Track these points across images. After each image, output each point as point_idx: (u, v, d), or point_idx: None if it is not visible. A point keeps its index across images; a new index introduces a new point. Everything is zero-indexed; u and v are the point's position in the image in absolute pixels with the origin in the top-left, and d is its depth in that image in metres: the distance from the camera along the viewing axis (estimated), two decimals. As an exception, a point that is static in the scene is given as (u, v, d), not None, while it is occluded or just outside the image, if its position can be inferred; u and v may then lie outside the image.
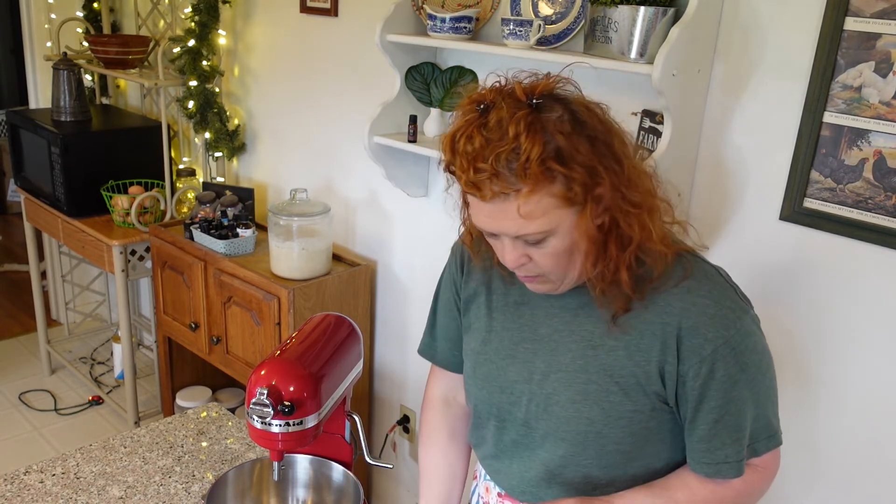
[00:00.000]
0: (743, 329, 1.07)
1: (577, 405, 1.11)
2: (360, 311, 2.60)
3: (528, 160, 0.93)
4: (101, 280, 3.98)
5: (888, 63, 1.45)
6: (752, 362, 1.08)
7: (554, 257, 1.03)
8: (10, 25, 5.89)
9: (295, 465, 1.41)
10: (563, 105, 0.98)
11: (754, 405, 1.10)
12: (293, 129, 2.82)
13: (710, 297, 1.07)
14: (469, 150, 0.96)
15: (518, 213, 0.97)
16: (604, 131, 0.99)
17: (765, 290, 1.71)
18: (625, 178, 1.00)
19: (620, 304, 1.07)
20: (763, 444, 1.13)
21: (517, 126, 0.93)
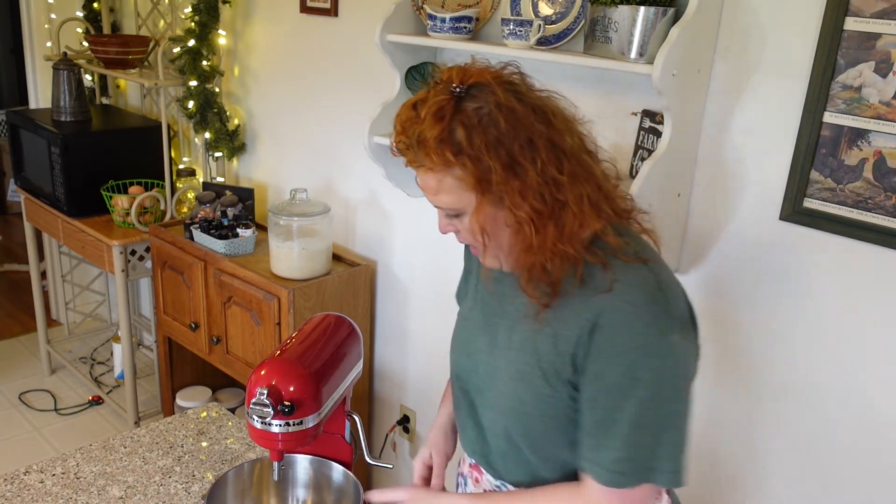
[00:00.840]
0: (652, 347, 1.05)
1: (514, 382, 1.16)
2: (360, 311, 2.60)
3: (425, 141, 1.04)
4: (101, 280, 3.98)
5: (888, 63, 1.45)
6: (650, 383, 1.06)
7: (471, 233, 1.11)
8: (10, 25, 5.89)
9: (295, 465, 1.41)
10: (485, 99, 1.04)
11: (640, 428, 1.07)
12: (293, 129, 2.82)
13: (633, 304, 1.06)
14: (401, 119, 1.08)
15: (427, 184, 1.08)
16: (512, 133, 1.03)
17: (765, 290, 1.71)
18: (524, 182, 1.04)
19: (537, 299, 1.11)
20: (633, 478, 1.08)
21: (429, 109, 1.04)
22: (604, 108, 1.90)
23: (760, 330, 1.74)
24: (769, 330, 1.73)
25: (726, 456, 1.85)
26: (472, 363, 1.25)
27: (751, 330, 1.75)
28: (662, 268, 1.13)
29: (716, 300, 1.80)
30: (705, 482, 1.91)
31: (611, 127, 1.89)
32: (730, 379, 1.82)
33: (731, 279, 1.76)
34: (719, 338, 1.82)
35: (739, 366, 1.79)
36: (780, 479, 1.77)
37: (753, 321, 1.75)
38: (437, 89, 1.07)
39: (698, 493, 1.93)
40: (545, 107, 1.08)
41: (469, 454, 1.33)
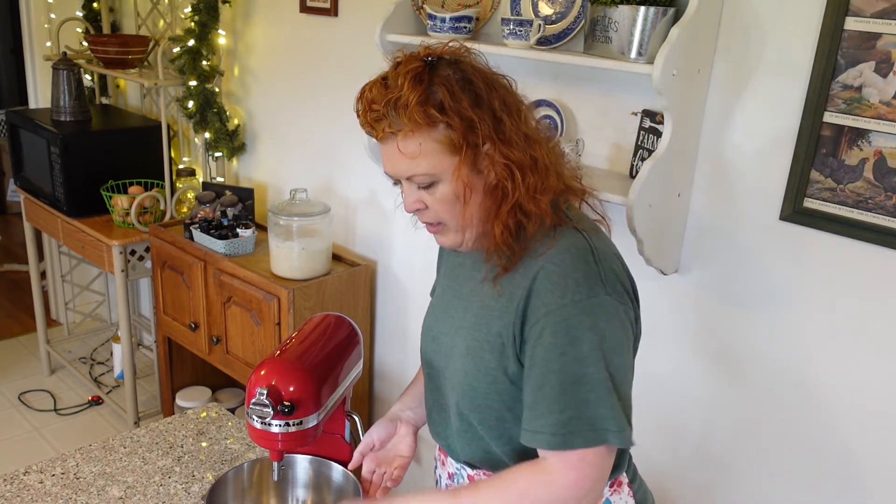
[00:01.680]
0: (583, 304, 1.06)
1: (464, 359, 1.19)
2: (360, 311, 2.60)
3: (406, 104, 1.06)
4: (101, 280, 3.98)
5: (888, 63, 1.45)
6: (586, 340, 1.05)
7: (444, 204, 1.13)
8: (10, 25, 5.89)
9: (295, 465, 1.41)
10: (457, 66, 1.10)
11: (578, 385, 1.06)
12: (293, 129, 2.82)
13: (562, 265, 1.08)
14: (369, 97, 1.10)
15: (403, 152, 1.09)
16: (488, 92, 1.10)
17: (764, 290, 1.71)
18: (504, 135, 1.09)
19: (500, 263, 1.13)
20: (580, 437, 1.06)
21: (405, 77, 1.07)
22: (604, 108, 1.90)
23: (760, 329, 1.74)
24: (769, 329, 1.72)
25: (726, 456, 1.85)
26: (435, 345, 1.28)
27: (750, 329, 1.75)
28: (602, 239, 1.15)
29: (716, 300, 1.80)
30: (705, 482, 1.91)
31: (611, 127, 1.89)
32: (729, 378, 1.82)
33: (731, 279, 1.76)
34: (719, 337, 1.82)
35: (739, 365, 1.79)
36: (780, 479, 1.77)
37: (753, 321, 1.74)
38: (405, 62, 1.10)
39: (698, 492, 1.93)
40: (503, 79, 1.16)
41: (434, 438, 1.34)
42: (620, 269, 1.14)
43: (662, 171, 1.65)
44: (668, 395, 1.92)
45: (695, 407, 1.89)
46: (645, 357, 1.92)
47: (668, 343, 1.91)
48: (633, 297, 1.15)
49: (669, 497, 1.97)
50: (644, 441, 1.95)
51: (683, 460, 1.94)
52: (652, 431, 1.96)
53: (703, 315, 1.83)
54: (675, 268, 1.84)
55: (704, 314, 1.83)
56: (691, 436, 1.91)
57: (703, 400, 1.87)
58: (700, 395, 1.88)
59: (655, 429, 1.96)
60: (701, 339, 1.85)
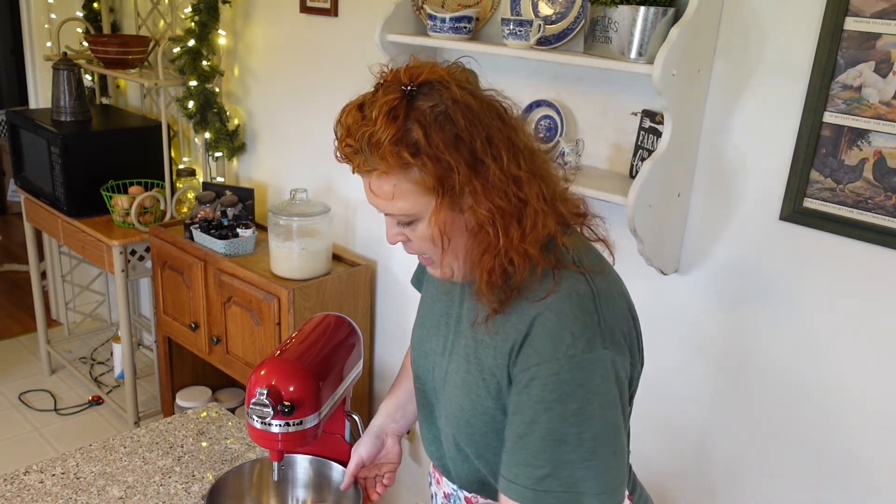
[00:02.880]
0: (577, 359, 1.00)
1: (458, 390, 1.14)
2: (360, 311, 2.60)
3: (379, 143, 0.98)
4: (101, 280, 3.98)
5: (888, 63, 1.45)
6: (575, 398, 0.99)
7: (425, 241, 1.06)
8: (10, 25, 5.89)
9: (295, 465, 1.41)
10: (440, 97, 1.00)
11: (560, 444, 1.00)
12: (293, 129, 2.82)
13: (560, 314, 1.01)
14: (345, 123, 1.03)
15: (378, 191, 1.02)
16: (470, 130, 0.99)
17: (765, 290, 1.71)
18: (486, 180, 1.00)
19: (491, 306, 1.06)
20: (553, 497, 1.00)
21: (380, 109, 0.98)
22: (604, 108, 1.90)
23: (760, 329, 1.74)
24: (769, 329, 1.72)
25: (726, 456, 1.85)
26: (427, 364, 1.23)
27: (750, 329, 1.75)
28: (606, 278, 1.08)
29: (716, 300, 1.80)
30: (705, 482, 1.91)
31: (611, 127, 1.89)
32: (729, 378, 1.82)
33: (731, 279, 1.76)
34: (719, 337, 1.82)
35: (739, 365, 1.79)
36: (780, 479, 1.77)
37: (753, 321, 1.74)
38: (384, 89, 1.01)
39: (698, 492, 1.93)
40: (497, 104, 1.05)
41: (428, 456, 1.31)
42: (623, 314, 1.07)
43: (662, 171, 1.65)
44: (668, 395, 1.92)
45: (695, 407, 1.89)
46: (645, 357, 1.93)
47: (668, 343, 1.90)
48: (632, 347, 1.08)
49: (670, 497, 1.97)
50: (644, 442, 1.96)
51: (684, 461, 1.94)
52: (652, 432, 1.96)
53: (702, 315, 1.83)
54: (675, 268, 1.84)
55: (704, 314, 1.83)
56: (692, 436, 1.91)
57: (704, 400, 1.87)
58: (700, 395, 1.88)
59: (656, 429, 1.96)
60: (701, 339, 1.85)
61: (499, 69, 2.08)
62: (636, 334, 1.10)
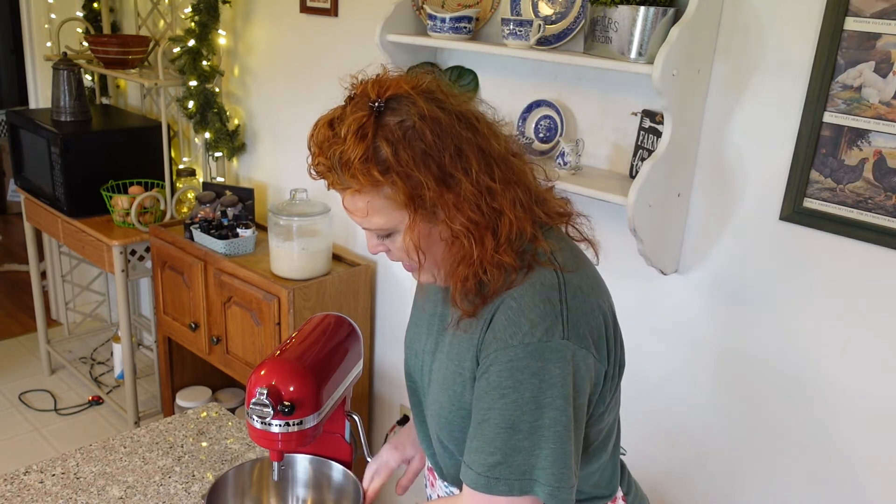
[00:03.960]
0: (532, 347, 0.99)
1: (439, 387, 1.15)
2: (360, 311, 2.60)
3: (349, 162, 0.98)
4: (101, 280, 3.98)
5: (888, 63, 1.45)
6: (528, 386, 0.99)
7: (405, 252, 1.07)
8: (10, 25, 5.89)
9: (295, 465, 1.41)
10: (407, 111, 0.99)
11: (512, 431, 1.00)
12: (293, 129, 2.82)
13: (521, 301, 1.02)
14: (317, 140, 1.03)
15: (353, 207, 1.04)
16: (438, 144, 0.99)
17: (764, 290, 1.71)
18: (457, 195, 1.00)
19: (463, 309, 1.07)
20: (504, 485, 1.01)
21: (349, 127, 0.99)
22: (604, 108, 1.90)
23: (760, 329, 1.74)
24: (769, 329, 1.72)
25: (725, 456, 1.85)
26: (417, 363, 1.25)
27: (750, 330, 1.75)
28: (580, 274, 1.07)
29: (715, 300, 1.80)
30: (704, 482, 1.91)
31: (611, 127, 1.89)
32: (729, 378, 1.82)
33: (731, 279, 1.76)
34: (719, 338, 1.82)
35: (739, 365, 1.79)
36: (780, 479, 1.77)
37: (753, 321, 1.74)
38: (353, 104, 1.02)
39: (698, 493, 1.93)
40: (468, 112, 1.05)
41: (429, 458, 1.31)
42: (592, 310, 1.05)
43: (662, 171, 1.65)
44: (667, 395, 1.92)
45: (694, 407, 1.89)
46: (644, 357, 1.93)
47: (667, 343, 1.90)
48: (600, 345, 1.06)
49: (668, 498, 1.97)
50: (643, 442, 1.96)
51: (683, 460, 1.94)
52: (651, 432, 1.96)
53: (702, 315, 1.83)
54: (675, 268, 1.84)
55: (704, 314, 1.83)
56: (691, 436, 1.91)
57: (703, 400, 1.87)
58: (700, 395, 1.88)
59: (654, 429, 1.96)
60: (701, 339, 1.85)
61: (499, 69, 2.08)
62: (609, 333, 1.08)
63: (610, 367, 1.09)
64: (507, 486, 1.01)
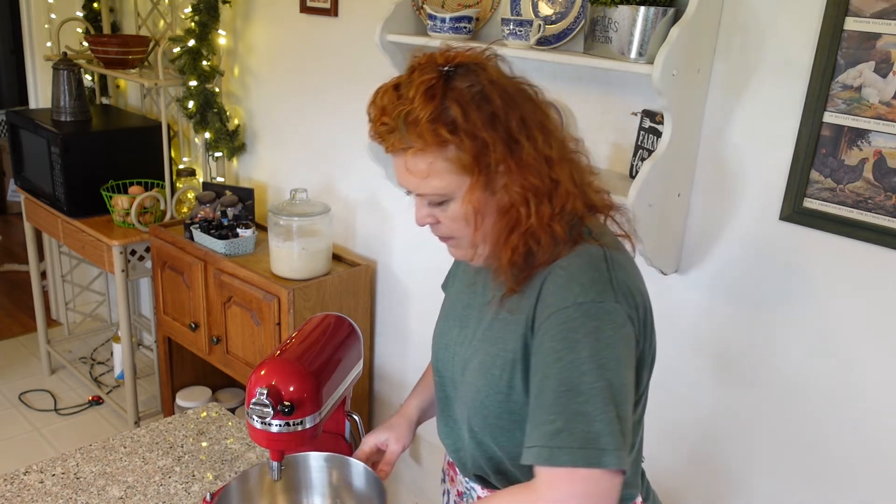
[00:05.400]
0: (586, 307, 0.99)
1: (475, 373, 1.14)
2: (360, 311, 2.60)
3: (417, 121, 1.00)
4: (101, 280, 3.98)
5: (888, 63, 1.45)
6: (580, 344, 0.97)
7: (455, 222, 1.08)
8: (10, 25, 5.89)
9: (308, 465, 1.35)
10: (476, 78, 1.02)
11: (573, 394, 0.96)
12: (293, 129, 2.82)
13: (568, 270, 1.03)
14: (380, 104, 1.04)
15: (412, 169, 1.04)
16: (506, 109, 1.02)
17: (764, 290, 1.71)
18: (520, 159, 1.03)
19: (508, 284, 1.08)
20: (568, 454, 0.94)
21: (417, 89, 1.01)
22: (604, 108, 1.90)
23: (760, 330, 1.74)
24: (769, 330, 1.72)
25: (726, 455, 1.85)
26: (448, 355, 1.24)
27: (750, 330, 1.75)
28: (623, 255, 1.09)
29: (715, 300, 1.80)
30: (704, 482, 1.91)
31: (611, 127, 1.89)
32: (729, 378, 1.82)
33: (731, 279, 1.76)
34: (719, 337, 1.82)
35: (739, 365, 1.79)
36: (779, 478, 1.77)
37: (753, 321, 1.74)
38: (420, 70, 1.03)
39: (698, 492, 1.93)
40: (528, 86, 1.08)
41: (445, 449, 1.31)
42: (637, 289, 1.06)
43: (662, 171, 1.65)
44: (667, 395, 1.92)
45: (694, 407, 1.89)
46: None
47: (667, 343, 1.90)
48: (643, 325, 1.07)
49: (671, 498, 1.97)
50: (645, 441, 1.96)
51: (684, 460, 1.94)
52: (652, 432, 1.95)
53: (702, 315, 1.83)
54: (675, 268, 1.84)
55: (704, 314, 1.83)
56: (692, 435, 1.91)
57: (703, 400, 1.87)
58: (700, 394, 1.88)
59: (655, 429, 1.96)
60: (701, 339, 1.85)
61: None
62: (647, 318, 1.09)
63: (645, 350, 1.10)
64: (571, 456, 0.94)
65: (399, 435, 1.37)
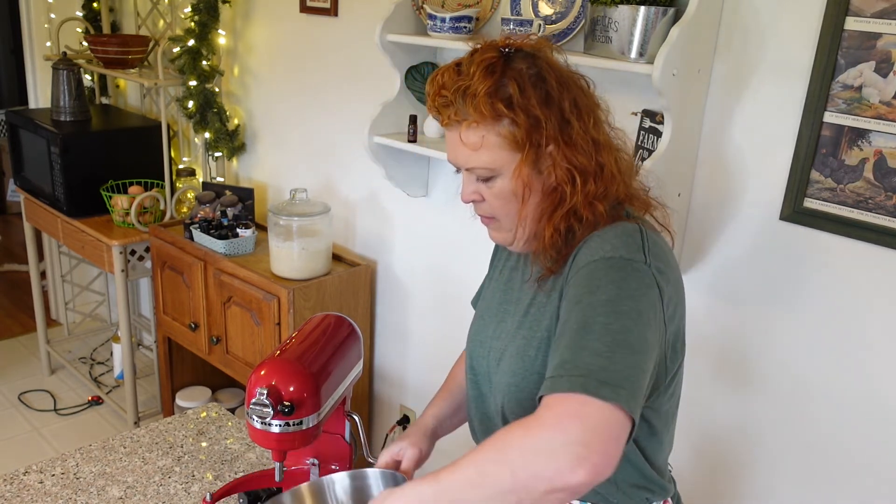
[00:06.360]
0: (614, 261, 1.00)
1: (513, 359, 1.16)
2: (360, 311, 2.60)
3: (475, 94, 1.04)
4: (101, 280, 3.98)
5: (888, 63, 1.45)
6: (602, 288, 0.97)
7: (500, 199, 1.11)
8: (10, 25, 5.89)
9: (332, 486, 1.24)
10: (534, 61, 1.08)
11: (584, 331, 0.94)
12: (293, 129, 2.82)
13: (602, 236, 1.06)
14: (440, 81, 1.09)
15: (465, 142, 1.08)
16: (560, 91, 1.07)
17: (765, 290, 1.71)
18: (570, 138, 1.07)
19: (546, 265, 1.11)
20: (566, 381, 0.90)
21: (478, 66, 1.06)
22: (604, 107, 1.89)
23: (760, 329, 1.74)
24: (769, 329, 1.72)
25: (725, 455, 1.85)
26: (483, 350, 1.26)
27: (751, 329, 1.75)
28: (658, 237, 1.10)
29: (716, 300, 1.80)
30: (704, 482, 1.91)
31: (611, 127, 1.89)
32: (729, 378, 1.82)
33: (731, 279, 1.76)
34: (719, 337, 1.82)
35: (739, 365, 1.79)
36: (779, 479, 1.77)
37: (753, 321, 1.74)
38: (481, 51, 1.08)
39: (697, 492, 1.92)
40: (581, 79, 1.13)
41: None
42: (671, 265, 1.06)
43: (662, 171, 1.65)
44: (668, 395, 1.92)
45: (694, 406, 1.89)
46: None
47: (668, 343, 1.90)
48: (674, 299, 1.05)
49: (669, 497, 1.97)
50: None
51: (683, 460, 1.94)
52: (652, 431, 1.95)
53: (702, 315, 1.83)
54: (675, 268, 1.84)
55: (704, 314, 1.83)
56: (691, 435, 1.91)
57: (703, 400, 1.87)
58: (700, 395, 1.88)
59: (655, 429, 1.96)
60: (701, 339, 1.85)
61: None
62: (681, 301, 1.09)
63: (679, 329, 1.10)
64: (569, 383, 0.89)
65: (413, 441, 1.34)
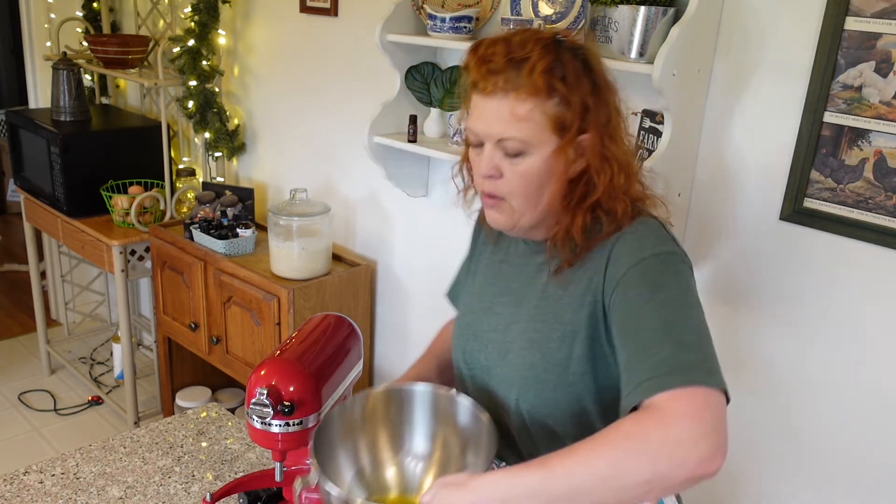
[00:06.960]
0: (663, 257, 1.06)
1: (526, 351, 1.16)
2: (360, 311, 2.60)
3: (533, 67, 1.04)
4: (101, 280, 3.98)
5: (888, 63, 1.45)
6: (666, 285, 1.02)
7: (522, 178, 1.10)
8: (9, 25, 5.89)
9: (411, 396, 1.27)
10: (581, 52, 1.10)
11: (666, 329, 0.97)
12: (293, 129, 2.82)
13: (636, 233, 1.09)
14: (487, 52, 1.08)
15: (509, 112, 1.06)
16: (605, 83, 1.11)
17: (764, 290, 1.71)
18: (610, 129, 1.10)
19: (567, 255, 1.13)
20: (678, 376, 0.93)
21: (535, 45, 1.06)
22: (604, 107, 1.90)
23: (760, 330, 1.74)
24: (769, 330, 1.72)
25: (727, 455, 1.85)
26: (479, 344, 1.25)
27: (751, 329, 1.75)
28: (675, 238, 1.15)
29: (716, 300, 1.80)
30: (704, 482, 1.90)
31: (611, 127, 1.89)
32: (729, 378, 1.81)
33: (731, 279, 1.76)
34: (718, 337, 1.81)
35: (739, 365, 1.79)
36: (779, 478, 1.77)
37: (753, 321, 1.74)
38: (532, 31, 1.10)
39: (697, 491, 1.93)
40: (614, 79, 1.16)
41: None
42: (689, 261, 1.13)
43: (662, 171, 1.65)
44: (668, 395, 1.92)
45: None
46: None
47: (668, 343, 1.90)
48: None
49: (669, 497, 1.97)
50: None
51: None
52: (652, 431, 1.95)
53: (703, 315, 1.83)
54: (675, 268, 1.84)
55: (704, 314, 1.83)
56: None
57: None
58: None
59: (655, 429, 1.96)
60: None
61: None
62: None
63: None
64: (682, 377, 0.91)
65: None
